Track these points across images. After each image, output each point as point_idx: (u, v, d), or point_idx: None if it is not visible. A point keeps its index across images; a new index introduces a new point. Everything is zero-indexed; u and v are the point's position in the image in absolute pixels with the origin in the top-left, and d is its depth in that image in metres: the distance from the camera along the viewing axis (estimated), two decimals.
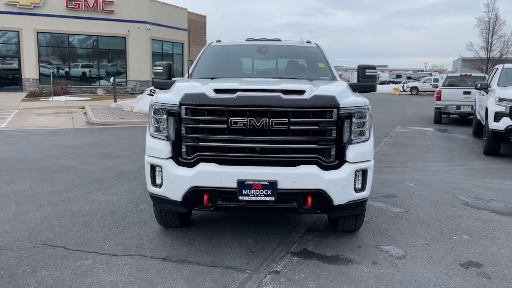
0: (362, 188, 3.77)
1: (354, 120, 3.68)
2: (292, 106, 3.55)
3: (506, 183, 6.70)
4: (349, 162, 3.68)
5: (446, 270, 3.63)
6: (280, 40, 5.60)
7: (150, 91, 17.55)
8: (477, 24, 44.97)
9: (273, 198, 3.54)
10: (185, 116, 3.62)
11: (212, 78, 4.70)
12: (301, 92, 3.65)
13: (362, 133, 3.76)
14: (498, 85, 9.95)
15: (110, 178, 6.57)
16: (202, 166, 3.61)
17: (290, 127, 3.54)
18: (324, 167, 3.60)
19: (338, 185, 3.61)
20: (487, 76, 14.25)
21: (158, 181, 3.81)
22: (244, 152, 3.61)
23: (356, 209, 3.90)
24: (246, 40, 5.65)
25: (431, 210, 5.26)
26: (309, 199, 3.60)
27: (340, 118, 3.61)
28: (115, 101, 19.26)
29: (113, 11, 27.34)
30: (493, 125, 8.72)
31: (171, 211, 4.18)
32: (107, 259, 3.73)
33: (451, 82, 16.50)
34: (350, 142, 3.68)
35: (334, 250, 3.99)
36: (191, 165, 3.64)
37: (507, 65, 11.03)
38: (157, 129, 3.80)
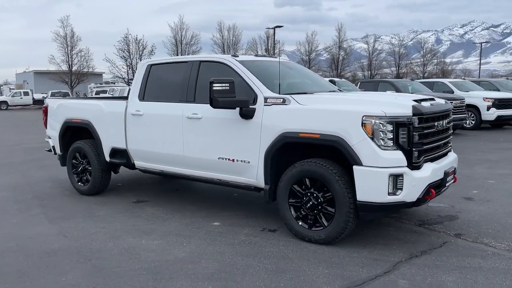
0: None
1: None
2: (449, 110, 4.81)
3: None
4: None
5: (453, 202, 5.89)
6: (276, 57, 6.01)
7: None
8: (54, 39, 46.29)
9: (453, 180, 4.72)
10: (417, 125, 4.15)
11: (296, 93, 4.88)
12: (433, 99, 4.92)
13: None
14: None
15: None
16: (428, 166, 4.27)
17: (449, 125, 4.80)
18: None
19: None
20: None
21: (393, 189, 4.08)
22: (438, 148, 4.56)
23: None
24: (255, 56, 5.75)
25: None
26: (455, 175, 4.95)
27: None
28: None
29: None
30: None
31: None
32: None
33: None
34: None
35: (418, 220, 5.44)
36: (419, 167, 4.21)
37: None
38: (388, 140, 4.05)
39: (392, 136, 4.03)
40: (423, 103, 4.38)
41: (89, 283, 3.71)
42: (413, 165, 4.11)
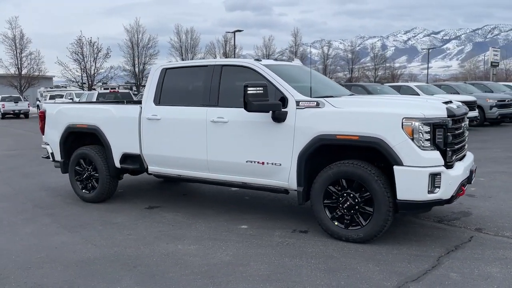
0: None
1: None
2: (467, 112, 5.10)
3: None
4: None
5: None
6: (292, 61, 6.12)
7: None
8: (2, 40, 44.15)
9: (474, 179, 5.00)
10: (451, 127, 4.39)
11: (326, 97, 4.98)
12: (452, 102, 5.20)
13: None
14: None
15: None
16: (459, 164, 4.53)
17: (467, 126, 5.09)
18: None
19: None
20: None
21: (432, 187, 4.28)
22: (463, 148, 4.83)
23: None
24: (275, 59, 5.82)
25: None
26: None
27: None
28: None
29: None
30: None
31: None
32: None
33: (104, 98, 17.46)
34: None
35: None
36: (452, 166, 4.44)
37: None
38: (426, 141, 4.25)
39: (429, 137, 4.24)
40: (451, 105, 4.62)
41: None
42: (448, 164, 4.33)
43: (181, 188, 7.47)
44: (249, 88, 4.67)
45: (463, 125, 4.71)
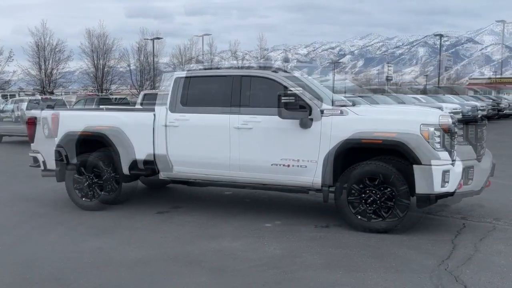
0: None
1: None
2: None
3: None
4: None
5: None
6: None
7: None
8: None
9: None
10: (454, 131, 5.26)
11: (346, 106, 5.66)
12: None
13: None
14: None
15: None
16: (459, 163, 5.43)
17: None
18: None
19: None
20: None
21: (443, 182, 5.07)
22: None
23: None
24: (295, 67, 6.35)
25: None
26: None
27: None
28: None
29: None
30: None
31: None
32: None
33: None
34: None
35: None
36: (454, 164, 5.32)
37: None
38: (437, 144, 5.04)
39: (439, 140, 5.05)
40: (452, 114, 5.52)
41: (221, 281, 3.92)
42: (453, 162, 5.18)
43: (179, 194, 7.55)
44: (282, 98, 5.16)
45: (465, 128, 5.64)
